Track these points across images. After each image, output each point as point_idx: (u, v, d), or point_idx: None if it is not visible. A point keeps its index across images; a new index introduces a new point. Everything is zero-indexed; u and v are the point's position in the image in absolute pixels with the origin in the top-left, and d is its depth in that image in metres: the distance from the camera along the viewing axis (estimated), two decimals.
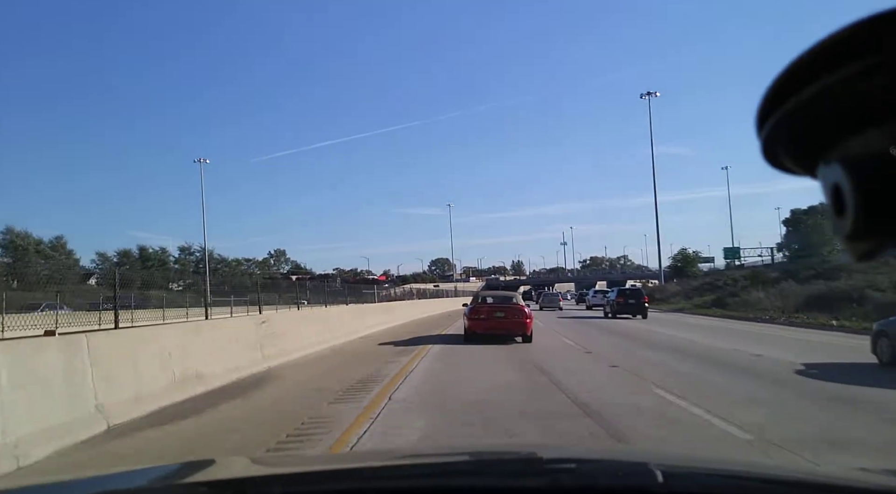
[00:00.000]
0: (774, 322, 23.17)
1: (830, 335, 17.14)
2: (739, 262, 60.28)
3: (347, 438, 5.28)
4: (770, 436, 5.24)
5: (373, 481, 1.37)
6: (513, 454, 1.97)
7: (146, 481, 1.44)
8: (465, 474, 1.40)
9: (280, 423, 5.88)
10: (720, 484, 1.28)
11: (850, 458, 4.62)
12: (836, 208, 0.45)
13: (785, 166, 0.52)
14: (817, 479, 1.43)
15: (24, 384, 4.72)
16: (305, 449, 4.97)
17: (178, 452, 4.84)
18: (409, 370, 9.77)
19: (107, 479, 1.48)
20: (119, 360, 6.04)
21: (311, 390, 7.94)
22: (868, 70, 0.40)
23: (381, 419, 6.03)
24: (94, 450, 4.91)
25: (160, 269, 67.47)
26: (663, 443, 5.19)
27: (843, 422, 5.95)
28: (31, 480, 2.74)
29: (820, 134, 0.47)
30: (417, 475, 1.41)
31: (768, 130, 0.49)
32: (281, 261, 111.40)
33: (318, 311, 16.66)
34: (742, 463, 2.32)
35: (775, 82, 0.46)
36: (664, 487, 1.13)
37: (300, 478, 1.40)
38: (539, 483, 1.22)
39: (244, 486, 1.30)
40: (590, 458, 1.62)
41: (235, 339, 9.19)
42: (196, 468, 1.53)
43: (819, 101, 0.44)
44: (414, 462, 1.72)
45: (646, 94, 57.02)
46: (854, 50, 0.40)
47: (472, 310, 15.04)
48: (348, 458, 3.00)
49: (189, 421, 5.98)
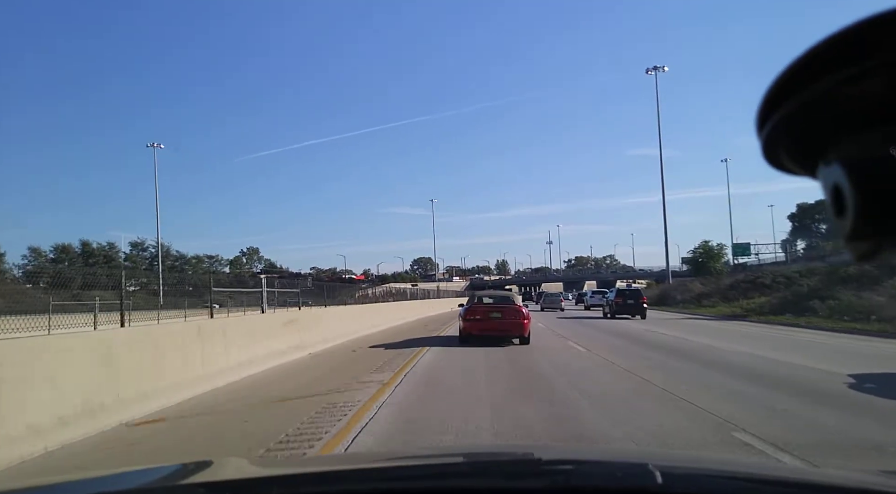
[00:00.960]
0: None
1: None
2: (745, 259, 57.60)
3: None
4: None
5: (369, 482, 1.36)
6: (510, 455, 1.96)
7: (143, 482, 1.45)
8: (463, 475, 1.41)
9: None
10: (719, 486, 1.28)
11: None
12: (837, 209, 0.46)
13: (785, 167, 0.54)
14: (817, 480, 1.44)
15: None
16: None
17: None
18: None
19: (103, 480, 1.48)
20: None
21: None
22: (868, 71, 0.41)
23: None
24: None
25: (105, 266, 61.11)
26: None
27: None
28: (32, 480, 2.52)
29: (820, 135, 0.48)
30: (415, 476, 1.41)
31: (769, 130, 0.50)
32: (254, 259, 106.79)
33: (253, 320, 12.35)
34: (742, 464, 2.35)
35: (776, 83, 0.47)
36: (663, 488, 1.13)
37: (296, 479, 1.40)
38: (537, 485, 1.22)
39: (241, 487, 1.31)
40: (588, 459, 1.63)
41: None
42: (193, 469, 1.50)
43: (820, 101, 0.45)
44: (411, 463, 1.74)
45: (652, 68, 52.95)
46: (854, 50, 0.41)
47: (468, 310, 14.66)
48: (345, 459, 3.02)
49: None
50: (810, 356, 11.56)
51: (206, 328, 8.81)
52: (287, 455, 4.96)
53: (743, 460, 4.18)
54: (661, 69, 52.67)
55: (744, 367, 10.14)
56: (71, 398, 5.59)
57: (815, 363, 10.46)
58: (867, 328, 18.20)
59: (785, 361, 10.92)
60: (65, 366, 5.65)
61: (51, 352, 5.62)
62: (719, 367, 10.22)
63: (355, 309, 21.27)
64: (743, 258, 57.83)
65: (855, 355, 12.08)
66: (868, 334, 17.18)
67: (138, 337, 7.28)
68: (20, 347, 5.46)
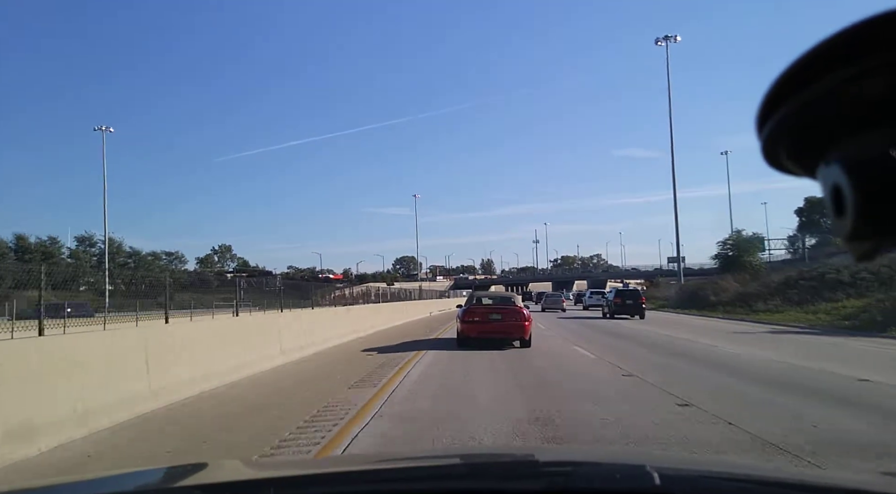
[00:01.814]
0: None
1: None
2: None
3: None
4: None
5: (366, 484, 1.37)
6: (509, 456, 1.98)
7: (137, 485, 1.45)
8: (461, 477, 1.41)
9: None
10: (718, 487, 1.30)
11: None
12: (837, 209, 0.47)
13: (785, 167, 0.55)
14: (816, 481, 1.47)
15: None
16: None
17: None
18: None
19: (97, 483, 1.49)
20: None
21: None
22: (869, 71, 0.42)
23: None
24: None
25: (45, 263, 55.26)
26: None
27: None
28: (32, 480, 2.57)
29: (820, 135, 0.49)
30: (412, 478, 1.42)
31: (769, 130, 0.51)
32: (227, 257, 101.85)
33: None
34: (740, 466, 2.38)
35: (776, 83, 0.48)
36: (661, 489, 1.15)
37: (293, 482, 1.40)
38: (535, 486, 1.23)
39: (237, 489, 1.32)
40: (587, 460, 1.66)
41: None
42: (188, 471, 1.51)
43: (820, 102, 0.46)
44: (408, 465, 1.75)
45: (662, 38, 48.85)
46: (855, 51, 0.42)
47: (467, 312, 14.23)
48: (342, 462, 2.98)
49: None
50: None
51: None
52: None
53: (741, 461, 4.15)
54: (672, 39, 48.39)
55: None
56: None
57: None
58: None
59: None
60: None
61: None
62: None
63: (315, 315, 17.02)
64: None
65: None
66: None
67: (52, 350, 5.80)
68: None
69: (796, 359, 11.96)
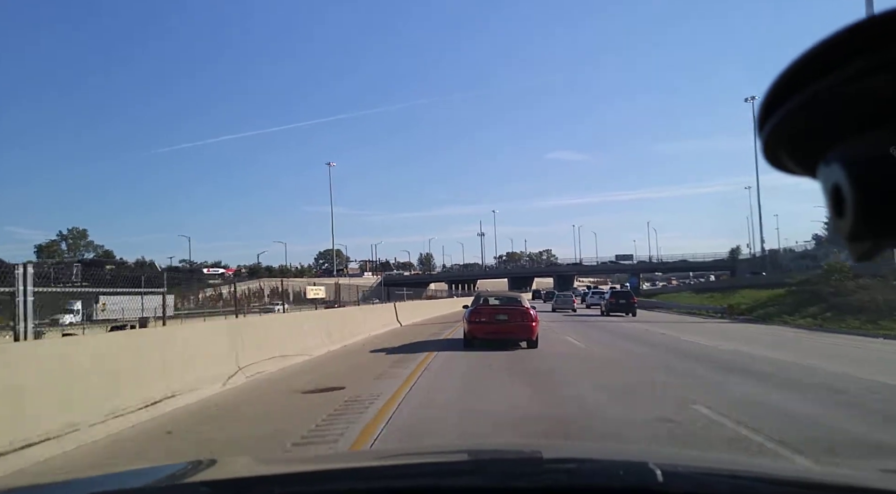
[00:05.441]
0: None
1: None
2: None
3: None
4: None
5: (373, 480, 1.37)
6: (513, 453, 1.96)
7: (147, 481, 1.44)
8: (465, 473, 1.42)
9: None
10: (720, 484, 1.30)
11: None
12: (837, 209, 0.47)
13: (786, 167, 0.55)
14: (816, 479, 1.48)
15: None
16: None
17: None
18: None
19: (106, 479, 1.50)
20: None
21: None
22: (869, 70, 0.42)
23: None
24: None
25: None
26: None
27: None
28: (32, 480, 2.59)
29: (820, 134, 0.49)
30: (417, 474, 1.42)
31: (769, 130, 0.51)
32: (80, 245, 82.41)
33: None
34: (742, 463, 2.42)
35: (776, 83, 0.48)
36: (664, 487, 1.16)
37: (300, 478, 1.41)
38: (539, 483, 1.24)
39: (244, 485, 1.32)
40: (590, 458, 1.65)
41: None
42: (198, 467, 1.50)
43: (820, 101, 0.46)
44: (414, 461, 1.75)
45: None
46: (855, 50, 0.42)
47: (473, 312, 14.48)
48: (349, 458, 3.04)
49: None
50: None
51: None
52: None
53: (744, 459, 4.22)
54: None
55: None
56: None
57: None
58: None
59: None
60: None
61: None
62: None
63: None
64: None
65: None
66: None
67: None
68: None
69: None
